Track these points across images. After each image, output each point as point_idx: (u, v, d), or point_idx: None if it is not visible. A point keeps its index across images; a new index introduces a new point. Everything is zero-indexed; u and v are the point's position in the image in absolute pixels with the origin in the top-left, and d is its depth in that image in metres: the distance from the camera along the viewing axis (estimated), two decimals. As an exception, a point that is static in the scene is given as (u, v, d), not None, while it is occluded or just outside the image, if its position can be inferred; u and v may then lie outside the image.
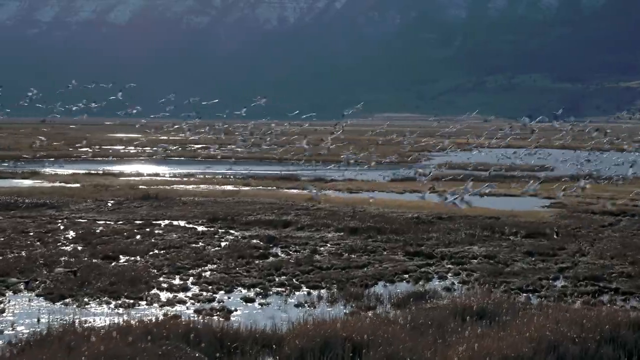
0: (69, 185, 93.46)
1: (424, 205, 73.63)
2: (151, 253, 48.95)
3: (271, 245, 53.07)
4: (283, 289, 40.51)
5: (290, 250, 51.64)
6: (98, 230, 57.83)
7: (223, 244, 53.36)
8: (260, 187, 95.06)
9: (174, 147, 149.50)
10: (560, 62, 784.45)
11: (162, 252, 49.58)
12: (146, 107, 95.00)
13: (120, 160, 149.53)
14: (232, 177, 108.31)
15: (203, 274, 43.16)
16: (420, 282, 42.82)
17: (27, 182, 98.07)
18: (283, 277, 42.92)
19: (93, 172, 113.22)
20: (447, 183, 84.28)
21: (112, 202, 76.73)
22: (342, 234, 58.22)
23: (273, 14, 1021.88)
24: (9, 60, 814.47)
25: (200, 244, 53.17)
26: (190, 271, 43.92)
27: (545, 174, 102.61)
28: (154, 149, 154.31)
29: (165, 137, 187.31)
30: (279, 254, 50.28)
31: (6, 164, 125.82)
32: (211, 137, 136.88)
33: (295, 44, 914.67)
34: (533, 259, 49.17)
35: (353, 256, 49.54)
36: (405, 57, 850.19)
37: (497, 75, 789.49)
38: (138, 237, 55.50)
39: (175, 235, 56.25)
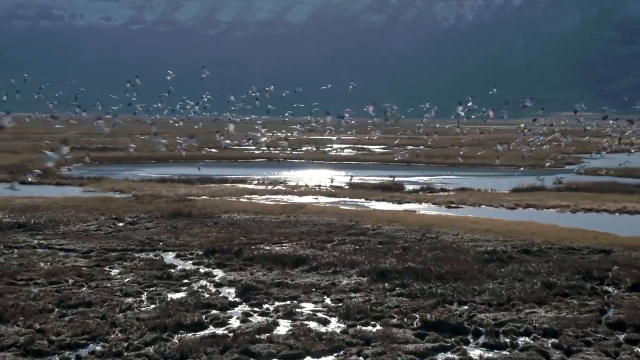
0: (112, 195, 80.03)
1: (523, 230, 55.98)
2: (36, 316, 32.50)
3: (241, 300, 36.02)
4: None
5: (256, 312, 34.30)
6: (32, 270, 41.87)
7: (173, 296, 36.52)
8: (347, 199, 79.32)
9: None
10: None
11: (63, 311, 33.43)
12: (324, 106, 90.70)
13: (246, 163, 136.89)
14: (324, 187, 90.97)
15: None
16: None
17: (77, 190, 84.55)
18: (171, 378, 25.85)
19: (167, 176, 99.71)
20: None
21: (127, 220, 61.00)
22: (364, 278, 40.36)
23: (450, 11, 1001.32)
24: (190, 61, 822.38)
25: (142, 297, 36.49)
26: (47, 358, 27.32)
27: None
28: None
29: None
30: (229, 320, 32.83)
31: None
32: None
33: (471, 41, 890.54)
34: (622, 337, 30.22)
35: (342, 325, 32.00)
36: (585, 55, 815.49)
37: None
38: (70, 281, 39.33)
39: (127, 280, 39.96)
